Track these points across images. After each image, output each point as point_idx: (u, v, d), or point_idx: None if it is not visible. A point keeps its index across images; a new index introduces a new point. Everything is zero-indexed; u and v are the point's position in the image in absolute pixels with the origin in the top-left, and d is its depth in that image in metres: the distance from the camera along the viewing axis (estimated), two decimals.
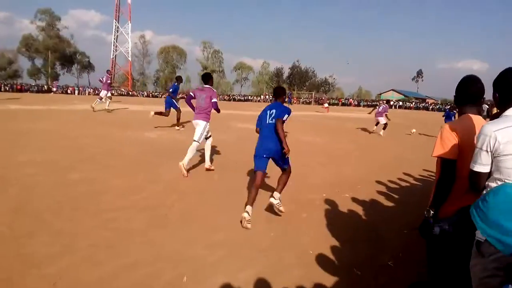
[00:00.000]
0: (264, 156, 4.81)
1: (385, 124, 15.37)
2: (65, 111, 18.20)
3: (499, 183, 1.84)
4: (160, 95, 66.62)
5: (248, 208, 4.31)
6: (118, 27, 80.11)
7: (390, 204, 5.50)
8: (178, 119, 13.14)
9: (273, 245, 3.79)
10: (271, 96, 64.53)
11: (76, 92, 53.88)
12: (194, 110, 6.77)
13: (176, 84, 13.37)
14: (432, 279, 2.43)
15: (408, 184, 6.73)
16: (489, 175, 1.87)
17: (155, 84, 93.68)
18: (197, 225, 4.21)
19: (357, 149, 10.87)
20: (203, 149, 7.00)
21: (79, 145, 8.59)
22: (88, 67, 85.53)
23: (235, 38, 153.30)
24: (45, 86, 58.78)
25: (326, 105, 36.03)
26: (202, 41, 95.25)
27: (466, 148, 2.14)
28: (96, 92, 57.74)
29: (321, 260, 3.51)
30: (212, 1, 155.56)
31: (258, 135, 4.86)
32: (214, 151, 8.86)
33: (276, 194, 4.67)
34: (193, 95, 6.70)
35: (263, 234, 4.06)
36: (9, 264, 3.07)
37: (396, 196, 5.87)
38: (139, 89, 79.86)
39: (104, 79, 17.82)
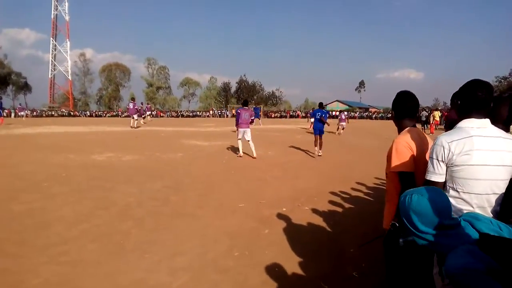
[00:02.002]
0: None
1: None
2: (0, 136, 17.00)
3: (452, 192, 1.93)
4: (104, 114, 64.39)
5: (317, 148, 11.67)
6: (55, 45, 77.09)
7: (347, 214, 5.59)
8: None
9: (238, 265, 3.71)
10: (219, 111, 64.77)
11: (13, 114, 50.58)
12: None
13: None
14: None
15: (361, 194, 6.91)
16: (444, 184, 1.95)
17: (98, 103, 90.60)
18: (157, 251, 4.02)
19: (309, 161, 11.06)
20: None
21: (20, 173, 8.00)
22: (24, 87, 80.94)
23: (180, 54, 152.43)
24: None
25: (343, 124, 23.04)
26: (147, 58, 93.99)
27: (420, 160, 2.23)
28: (34, 113, 54.85)
29: (288, 276, 3.48)
30: (152, 18, 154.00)
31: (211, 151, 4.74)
32: (170, 172, 8.64)
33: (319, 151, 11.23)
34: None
35: (227, 255, 3.96)
36: None
37: (352, 206, 6.00)
38: (81, 108, 76.76)
39: (131, 105, 25.03)
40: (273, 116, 65.75)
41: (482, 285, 1.16)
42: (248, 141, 11.23)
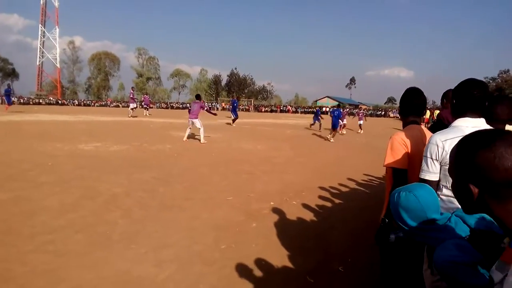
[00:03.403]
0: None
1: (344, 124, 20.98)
2: None
3: (445, 191, 1.95)
4: (92, 104, 63.63)
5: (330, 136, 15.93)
6: (44, 32, 75.76)
7: (335, 210, 5.64)
8: None
9: (224, 258, 3.72)
10: (210, 104, 64.46)
11: None
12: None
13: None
14: (386, 284, 2.50)
15: (350, 189, 6.97)
16: (438, 183, 1.97)
17: (87, 92, 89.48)
18: (143, 242, 4.01)
19: (298, 156, 11.09)
20: None
21: (5, 161, 7.88)
22: (11, 74, 79.53)
23: (170, 45, 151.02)
24: None
25: (361, 122, 22.83)
26: (137, 47, 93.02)
27: (416, 157, 2.24)
28: (21, 101, 53.98)
29: (274, 269, 3.51)
30: (143, 7, 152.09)
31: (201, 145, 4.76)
32: (158, 163, 8.60)
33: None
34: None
35: (214, 247, 3.97)
36: None
37: (340, 202, 6.05)
38: (70, 97, 75.72)
39: (131, 94, 25.65)
40: (263, 110, 65.69)
41: (469, 277, 1.19)
42: (199, 128, 12.80)
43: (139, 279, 3.21)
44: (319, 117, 21.83)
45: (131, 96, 25.62)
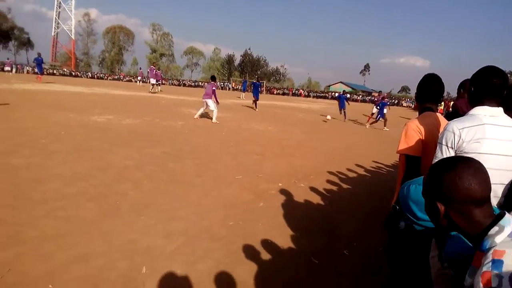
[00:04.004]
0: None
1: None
2: (1, 91, 16.87)
3: None
4: (105, 77, 63.81)
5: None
6: (60, 2, 75.46)
7: (342, 194, 5.63)
8: None
9: (232, 234, 3.76)
10: (222, 83, 64.30)
11: (14, 70, 50.07)
12: None
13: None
14: (394, 271, 2.51)
15: (358, 176, 6.94)
16: None
17: (101, 65, 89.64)
18: (152, 214, 4.07)
19: (308, 140, 11.06)
20: None
21: (19, 128, 7.99)
22: (27, 44, 79.86)
23: (185, 22, 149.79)
24: None
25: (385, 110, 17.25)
26: (151, 22, 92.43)
27: (430, 145, 2.20)
28: (35, 71, 54.27)
29: (280, 249, 3.54)
30: None
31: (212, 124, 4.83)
32: (169, 139, 8.65)
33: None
34: None
35: (221, 223, 4.02)
36: None
37: (348, 187, 6.04)
38: (83, 69, 75.96)
39: (152, 70, 25.73)
40: (275, 92, 65.32)
41: None
42: (212, 110, 12.90)
43: (147, 249, 3.26)
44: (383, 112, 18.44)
45: (154, 71, 25.77)
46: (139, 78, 40.80)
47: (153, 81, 25.84)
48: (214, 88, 13.19)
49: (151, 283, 2.76)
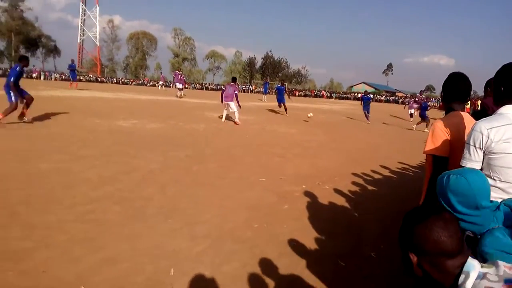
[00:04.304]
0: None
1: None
2: None
3: (489, 180, 1.86)
4: (130, 82, 65.06)
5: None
6: (85, 10, 77.53)
7: (368, 196, 5.56)
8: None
9: (256, 237, 3.76)
10: (244, 86, 64.62)
11: (42, 77, 51.69)
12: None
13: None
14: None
15: (384, 177, 6.83)
16: None
17: (125, 70, 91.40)
18: (178, 217, 4.12)
19: (331, 141, 10.97)
20: None
21: (48, 133, 8.24)
22: (54, 51, 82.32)
23: (206, 26, 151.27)
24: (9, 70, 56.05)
25: (411, 111, 20.81)
26: (173, 27, 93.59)
27: (457, 144, 2.15)
28: (63, 77, 55.86)
29: (305, 251, 3.52)
30: None
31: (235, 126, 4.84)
32: (192, 142, 8.75)
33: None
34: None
35: (246, 226, 4.02)
36: None
37: (373, 189, 5.96)
38: (108, 75, 77.65)
39: (178, 75, 27.17)
40: (297, 94, 65.09)
41: None
42: (233, 112, 12.99)
43: (173, 252, 3.30)
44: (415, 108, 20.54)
45: (179, 76, 26.79)
46: (160, 82, 41.96)
47: (179, 85, 26.43)
48: (236, 91, 13.11)
49: (179, 286, 2.79)
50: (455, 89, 2.36)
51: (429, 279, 1.20)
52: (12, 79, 8.79)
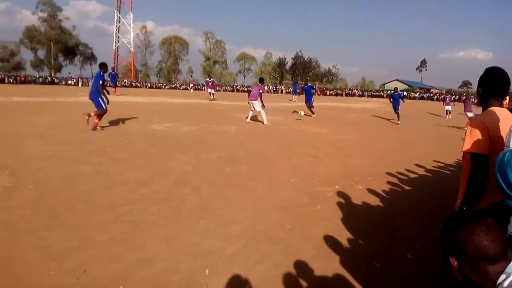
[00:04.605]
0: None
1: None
2: (70, 103, 18.17)
3: None
4: (163, 86, 66.43)
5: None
6: (119, 17, 79.70)
7: (402, 196, 5.45)
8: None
9: (289, 237, 3.78)
10: (274, 87, 64.65)
11: (80, 83, 53.69)
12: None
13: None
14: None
15: (419, 176, 6.67)
16: None
17: (158, 75, 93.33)
18: (212, 218, 4.20)
19: (364, 140, 10.81)
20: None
21: (87, 138, 8.58)
22: (90, 58, 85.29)
23: (236, 29, 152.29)
24: (49, 78, 58.64)
25: (448, 107, 21.25)
26: (204, 31, 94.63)
27: (497, 141, 2.08)
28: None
29: (339, 252, 3.50)
30: None
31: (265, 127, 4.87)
32: (225, 144, 8.86)
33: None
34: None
35: (279, 226, 4.05)
36: (29, 257, 3.08)
37: (409, 188, 5.83)
38: (142, 80, 79.58)
39: (209, 82, 27.59)
40: (328, 93, 64.40)
41: None
42: (259, 111, 13.17)
43: (208, 252, 3.38)
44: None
45: (210, 84, 27.34)
46: (190, 85, 42.93)
47: (210, 90, 26.95)
48: (261, 91, 13.27)
49: (214, 285, 2.85)
50: (493, 85, 2.28)
51: (469, 283, 1.18)
52: (100, 82, 9.92)
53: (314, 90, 17.91)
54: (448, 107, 20.99)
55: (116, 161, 6.55)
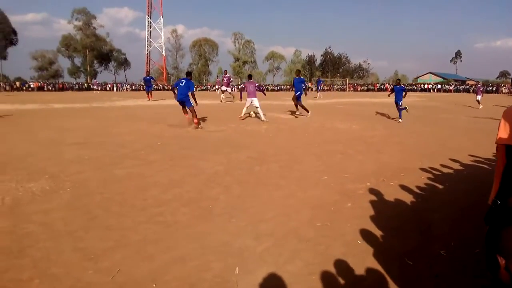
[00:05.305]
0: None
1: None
2: (105, 108, 18.78)
3: None
4: (194, 88, 67.32)
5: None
6: (151, 22, 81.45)
7: (437, 192, 5.30)
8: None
9: (320, 236, 3.76)
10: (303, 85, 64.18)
11: (115, 88, 55.39)
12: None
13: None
14: (493, 272, 2.32)
15: (454, 171, 6.46)
16: None
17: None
18: (242, 217, 4.23)
19: (395, 135, 10.58)
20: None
21: (121, 141, 8.85)
22: (124, 63, 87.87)
23: (264, 28, 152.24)
24: (85, 84, 60.84)
25: (478, 97, 22.79)
26: (233, 32, 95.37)
27: None
28: (133, 88, 59.29)
29: (370, 250, 3.45)
30: None
31: (295, 126, 4.83)
32: (254, 143, 8.91)
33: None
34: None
35: (309, 225, 4.04)
36: (67, 257, 3.21)
37: (443, 184, 5.65)
38: (174, 83, 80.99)
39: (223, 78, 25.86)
40: (359, 89, 63.40)
41: None
42: (257, 107, 13.58)
43: (239, 250, 3.41)
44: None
45: (227, 79, 25.43)
46: (217, 86, 42.87)
47: (225, 88, 25.43)
48: (257, 84, 13.84)
49: (244, 283, 2.88)
50: None
51: None
52: (193, 89, 12.15)
53: (304, 85, 15.69)
54: (478, 97, 21.79)
55: (149, 163, 6.73)
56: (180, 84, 11.78)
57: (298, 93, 15.16)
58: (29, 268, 3.03)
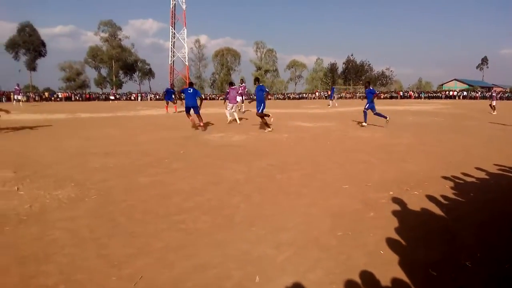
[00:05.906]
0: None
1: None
2: (130, 117, 19.20)
3: None
4: (217, 97, 68.00)
5: None
6: (174, 33, 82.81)
7: (461, 201, 5.16)
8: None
9: (341, 245, 3.72)
10: (327, 93, 64.00)
11: (139, 98, 56.53)
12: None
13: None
14: None
15: (479, 180, 6.28)
16: None
17: (212, 86, 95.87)
18: (263, 225, 4.23)
19: (420, 144, 10.37)
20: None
21: (145, 150, 9.02)
22: (148, 73, 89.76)
23: (286, 37, 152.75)
24: (103, 95, 62.40)
25: (494, 102, 23.63)
26: (255, 41, 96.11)
27: None
28: (157, 97, 60.32)
29: (393, 260, 3.39)
30: (259, 1, 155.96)
31: (318, 134, 4.80)
32: (275, 152, 8.92)
33: None
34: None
35: (330, 234, 4.00)
36: (91, 264, 3.28)
37: (468, 193, 5.51)
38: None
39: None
40: (382, 97, 62.65)
41: None
42: (233, 112, 15.91)
43: (259, 259, 3.41)
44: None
45: (243, 88, 23.33)
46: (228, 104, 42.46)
47: (239, 98, 23.36)
48: (237, 91, 15.51)
49: None
50: None
51: None
52: (200, 95, 13.30)
53: (265, 93, 13.27)
54: (493, 102, 23.48)
55: (172, 171, 6.82)
56: (188, 91, 13.13)
57: (261, 106, 13.05)
58: (55, 274, 3.11)
